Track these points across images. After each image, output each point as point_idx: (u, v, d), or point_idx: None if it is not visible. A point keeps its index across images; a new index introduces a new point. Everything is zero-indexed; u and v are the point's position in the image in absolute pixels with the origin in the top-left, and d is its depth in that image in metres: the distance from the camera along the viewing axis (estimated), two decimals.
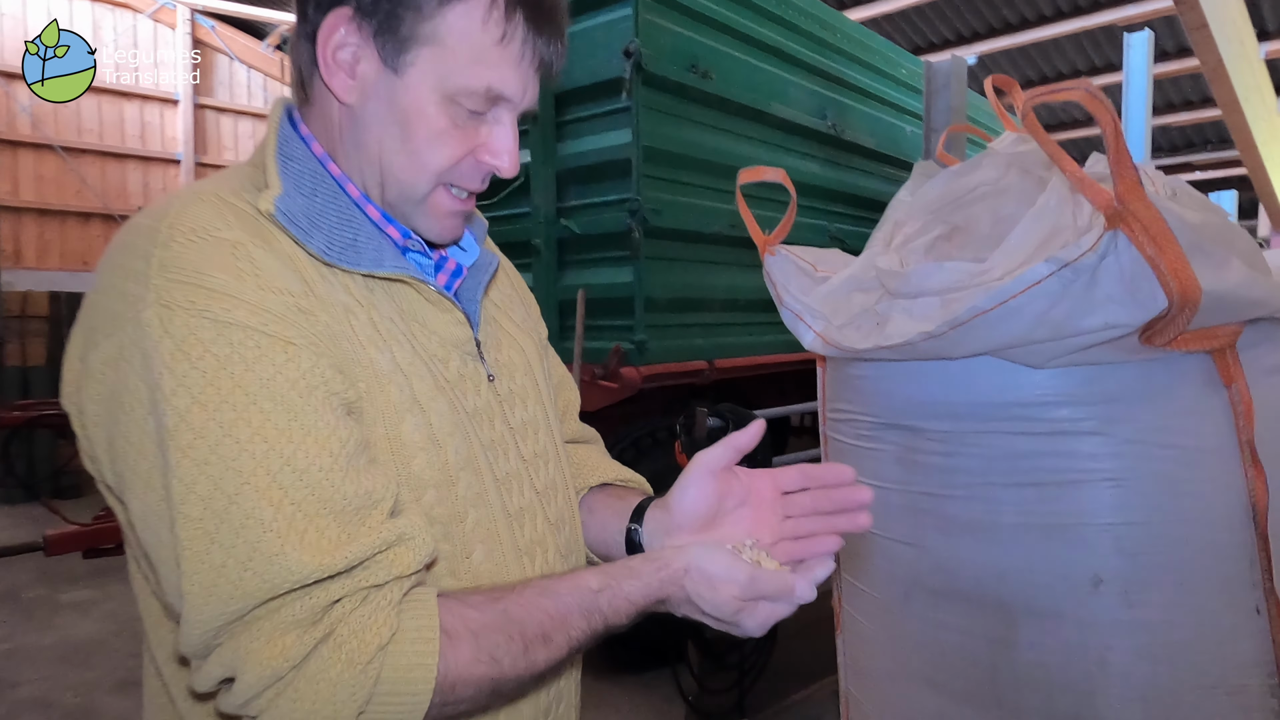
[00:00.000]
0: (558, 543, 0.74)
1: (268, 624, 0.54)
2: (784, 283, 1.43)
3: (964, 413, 1.26)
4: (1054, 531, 1.21)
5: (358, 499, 0.58)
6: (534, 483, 0.73)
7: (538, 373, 0.79)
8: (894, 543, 1.41)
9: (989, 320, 1.08)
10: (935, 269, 1.19)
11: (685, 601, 0.64)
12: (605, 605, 0.63)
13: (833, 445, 1.59)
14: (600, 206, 2.82)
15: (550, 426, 0.78)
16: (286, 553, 0.54)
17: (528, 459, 0.73)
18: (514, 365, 0.76)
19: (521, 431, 0.74)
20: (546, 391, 0.80)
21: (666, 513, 0.75)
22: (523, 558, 0.70)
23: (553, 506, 0.75)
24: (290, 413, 0.57)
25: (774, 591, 0.62)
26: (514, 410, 0.74)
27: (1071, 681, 1.21)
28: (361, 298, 0.65)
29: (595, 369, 2.68)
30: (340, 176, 0.68)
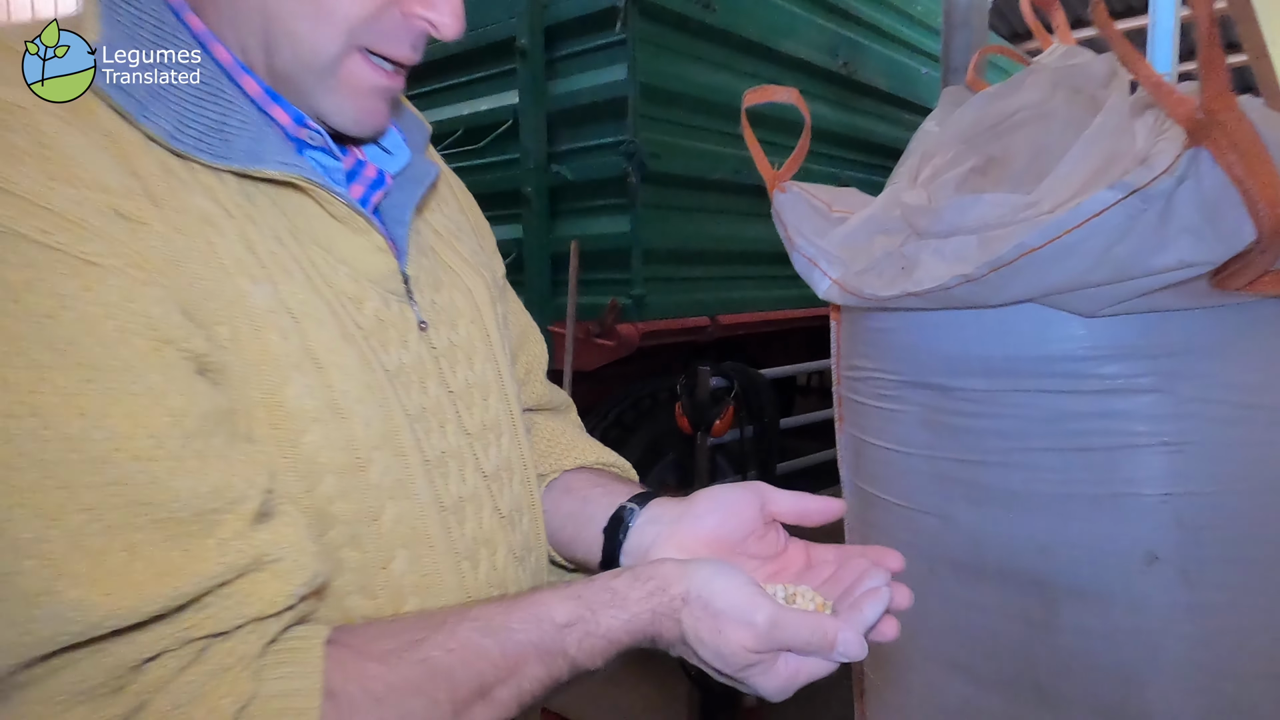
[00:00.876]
0: (511, 540, 0.59)
1: (38, 691, 0.37)
2: (795, 224, 1.29)
3: (1001, 368, 1.14)
4: (1103, 502, 1.10)
5: (199, 500, 0.40)
6: (480, 464, 0.58)
7: (489, 322, 0.63)
8: (918, 513, 1.30)
9: (1038, 260, 0.94)
10: (972, 202, 1.05)
11: (680, 643, 0.49)
12: (574, 646, 0.48)
13: (849, 406, 1.46)
14: (594, 150, 2.67)
15: (505, 391, 0.62)
16: (62, 590, 0.36)
17: (473, 433, 0.57)
18: (457, 310, 0.60)
19: (465, 397, 0.58)
20: (501, 345, 0.64)
21: (678, 514, 0.60)
22: (462, 563, 0.54)
23: (506, 494, 0.60)
24: (85, 369, 0.38)
25: (805, 641, 0.46)
26: (455, 369, 0.58)
27: (1119, 669, 1.11)
28: (233, 205, 0.47)
29: (590, 326, 2.56)
30: (204, 33, 0.50)
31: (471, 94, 2.95)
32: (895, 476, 1.33)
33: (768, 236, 1.46)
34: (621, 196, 2.59)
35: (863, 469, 1.42)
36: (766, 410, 2.38)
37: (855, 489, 1.46)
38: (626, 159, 2.51)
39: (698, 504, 0.59)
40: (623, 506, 0.62)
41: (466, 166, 2.99)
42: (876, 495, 1.38)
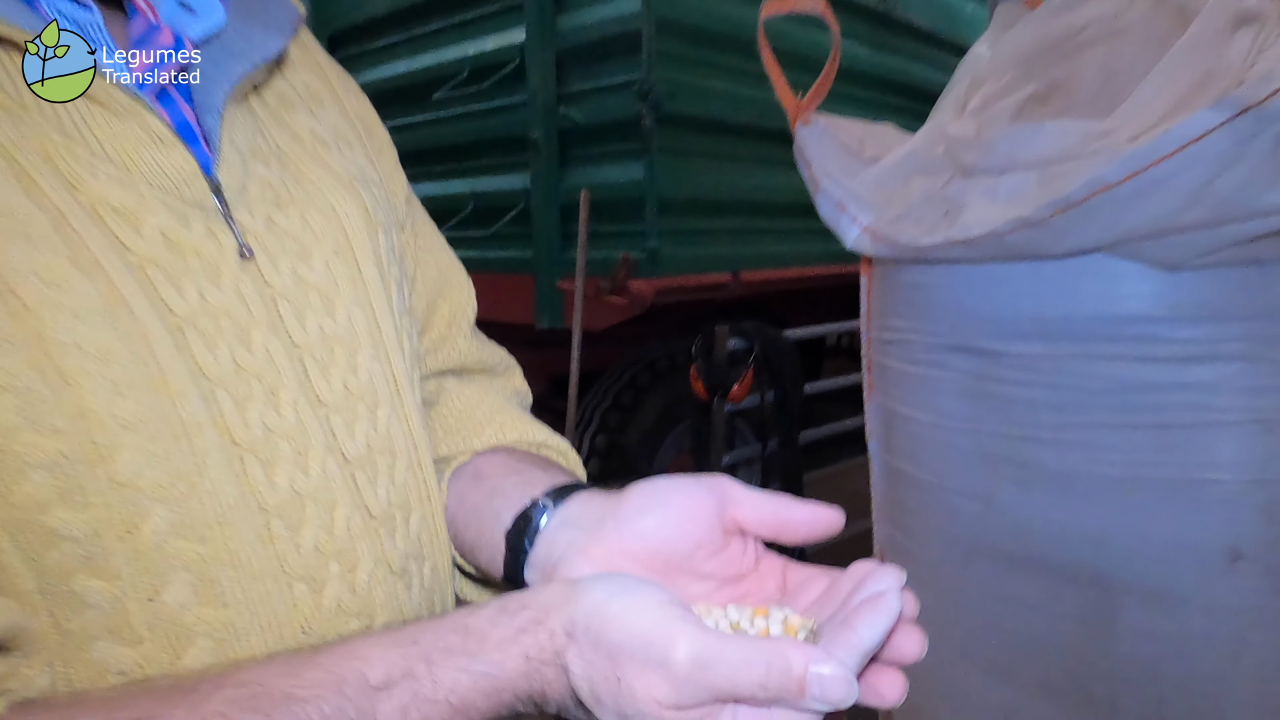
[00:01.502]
0: (385, 550, 0.44)
1: None
2: (821, 162, 1.14)
3: (1060, 331, 1.00)
4: (1178, 489, 0.97)
5: None
6: (339, 445, 0.43)
7: (364, 254, 0.47)
8: (955, 495, 1.18)
9: (1114, 199, 0.79)
10: (1033, 132, 0.89)
11: (573, 702, 0.35)
12: (395, 717, 0.34)
13: (880, 372, 1.32)
14: (606, 91, 2.54)
15: (386, 347, 0.47)
16: None
17: (329, 403, 0.43)
18: (312, 237, 0.45)
19: (319, 354, 0.43)
20: (384, 287, 0.48)
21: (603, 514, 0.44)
22: (295, 585, 0.39)
23: (380, 486, 0.45)
24: None
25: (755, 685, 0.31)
26: (305, 316, 0.43)
27: (1190, 680, 0.98)
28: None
29: (600, 282, 2.45)
30: None
31: (475, 33, 2.81)
32: (931, 453, 1.20)
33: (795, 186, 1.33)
34: (635, 141, 2.47)
35: (894, 443, 1.29)
36: (789, 374, 2.25)
37: (885, 465, 1.33)
38: (641, 100, 2.39)
39: (630, 501, 0.43)
40: (533, 503, 0.47)
41: (470, 112, 2.85)
42: (909, 473, 1.25)
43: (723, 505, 0.43)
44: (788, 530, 0.42)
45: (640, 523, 0.42)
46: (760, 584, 0.44)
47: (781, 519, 0.42)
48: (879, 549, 1.43)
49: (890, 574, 0.36)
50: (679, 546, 0.42)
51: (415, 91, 3.00)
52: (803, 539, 0.42)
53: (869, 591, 0.35)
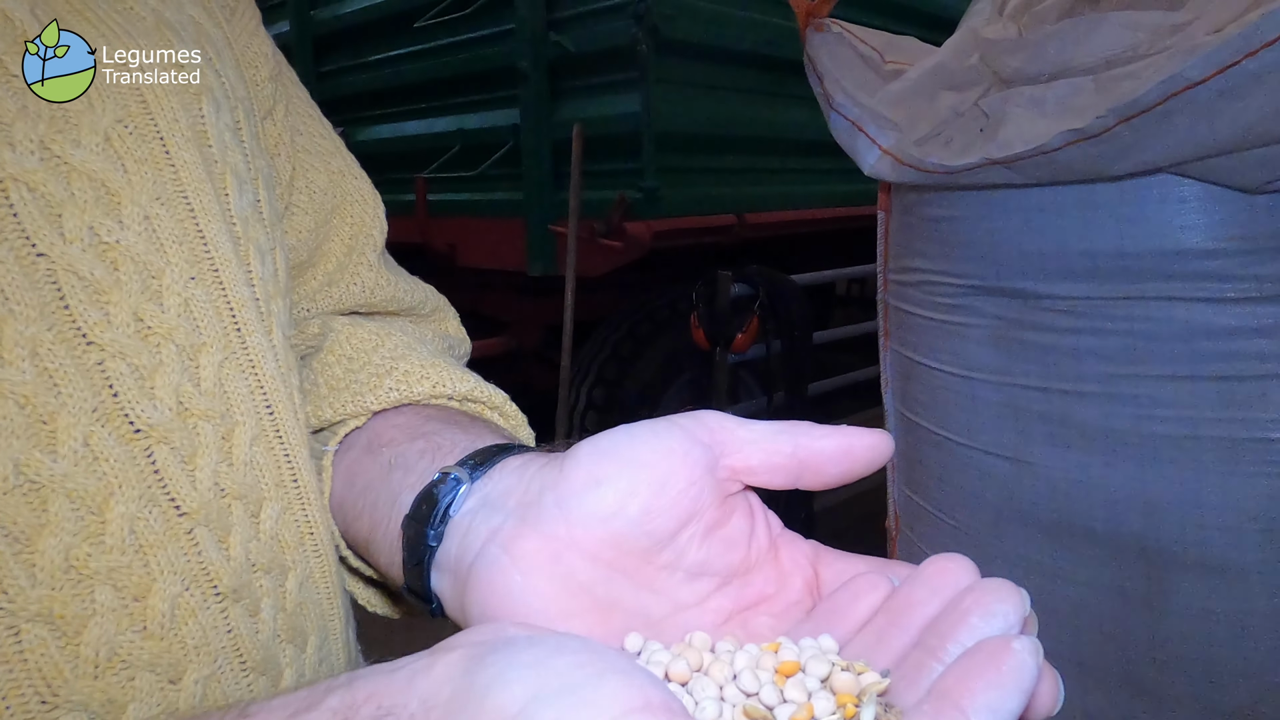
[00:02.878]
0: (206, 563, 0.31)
1: None
2: (835, 75, 1.01)
3: (1111, 268, 0.89)
4: (1243, 450, 0.88)
5: None
6: (125, 408, 0.29)
7: (169, 125, 0.33)
8: (983, 454, 1.09)
9: (1195, 102, 0.67)
10: (1090, 26, 0.77)
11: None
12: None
13: (896, 318, 1.22)
14: (600, 15, 2.43)
15: (208, 263, 0.33)
16: None
17: (102, 344, 0.29)
18: (83, 98, 0.31)
19: (82, 272, 0.29)
20: (204, 176, 0.34)
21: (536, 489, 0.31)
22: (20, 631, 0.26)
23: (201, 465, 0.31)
24: None
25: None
26: (63, 215, 0.29)
27: (1249, 665, 0.91)
28: None
29: (595, 225, 2.35)
30: None
31: None
32: (955, 407, 1.11)
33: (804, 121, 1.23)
34: (631, 70, 2.37)
35: (912, 396, 1.20)
36: (797, 322, 2.15)
37: (902, 420, 1.24)
38: (636, 23, 2.27)
39: (580, 466, 0.30)
40: (442, 475, 0.34)
41: (454, 42, 2.74)
42: (930, 430, 1.15)
43: (714, 454, 0.30)
44: (812, 469, 0.29)
45: (595, 497, 0.29)
46: (782, 583, 0.31)
47: (801, 456, 0.29)
48: (893, 514, 1.34)
49: (1007, 600, 0.23)
50: (654, 528, 0.29)
51: (395, 22, 2.88)
52: (837, 478, 0.30)
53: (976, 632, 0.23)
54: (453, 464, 0.34)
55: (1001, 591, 0.23)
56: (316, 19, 3.18)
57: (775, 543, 0.31)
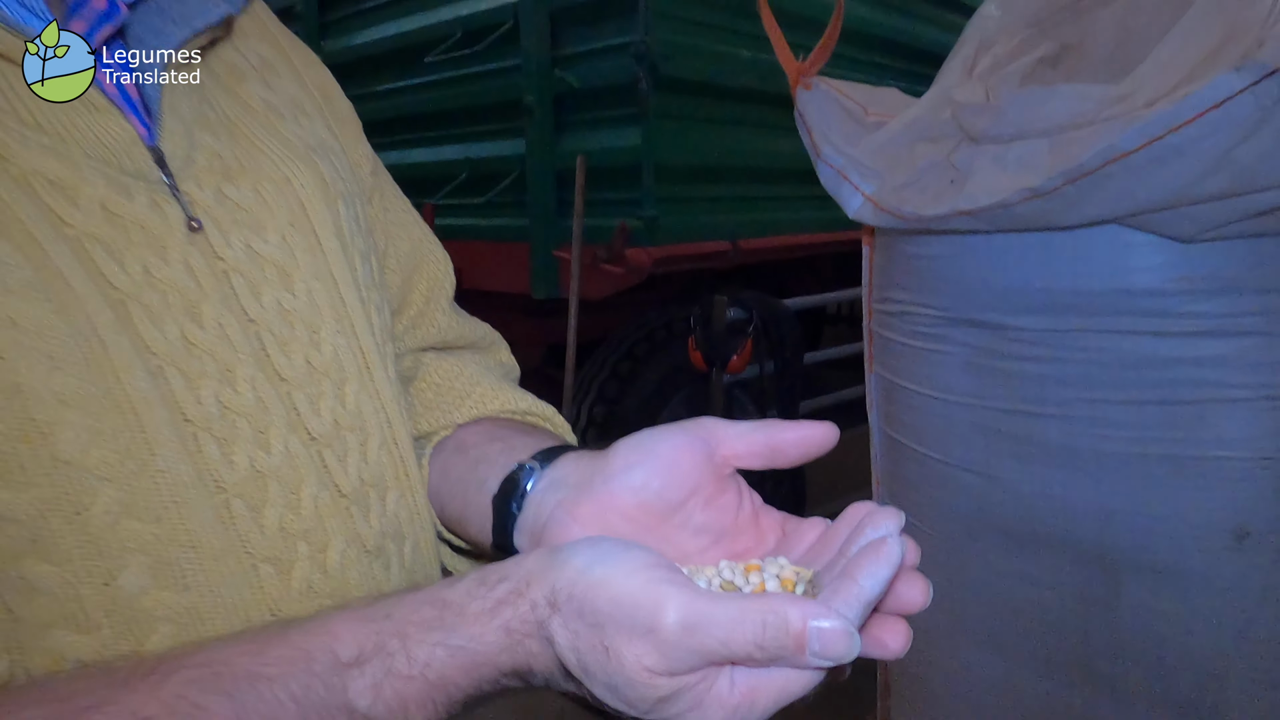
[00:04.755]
0: (358, 529, 0.43)
1: None
2: (822, 128, 1.10)
3: (1068, 304, 0.98)
4: (1186, 466, 0.96)
5: None
6: (303, 422, 0.41)
7: (322, 225, 0.45)
8: (958, 470, 1.16)
9: (1130, 168, 0.76)
10: (1044, 97, 0.86)
11: (561, 675, 0.33)
12: (366, 697, 0.32)
13: (880, 345, 1.30)
14: (602, 53, 2.48)
15: (351, 320, 0.45)
16: None
17: (290, 379, 0.41)
18: (266, 210, 0.43)
19: (277, 329, 0.41)
20: (345, 259, 0.46)
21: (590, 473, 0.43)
22: (259, 568, 0.38)
23: (351, 464, 0.43)
24: None
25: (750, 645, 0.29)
26: (261, 290, 0.41)
27: (1194, 658, 0.98)
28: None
29: (597, 251, 2.40)
30: None
31: None
32: (933, 427, 1.19)
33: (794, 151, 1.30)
34: (632, 106, 2.42)
35: (895, 416, 1.27)
36: (789, 344, 2.22)
37: (886, 438, 1.32)
38: (637, 62, 2.33)
39: (617, 456, 0.42)
40: (520, 466, 0.46)
41: (462, 75, 2.79)
42: (910, 447, 1.23)
43: (711, 447, 0.41)
44: (780, 453, 0.40)
45: (629, 477, 0.41)
46: (760, 538, 0.42)
47: (773, 444, 0.40)
48: None
49: (890, 517, 0.34)
50: (670, 497, 0.40)
51: (406, 55, 2.93)
52: (797, 459, 0.40)
53: (868, 538, 0.33)
54: (526, 458, 0.46)
55: (885, 512, 0.34)
56: (328, 49, 3.26)
57: (756, 512, 0.43)
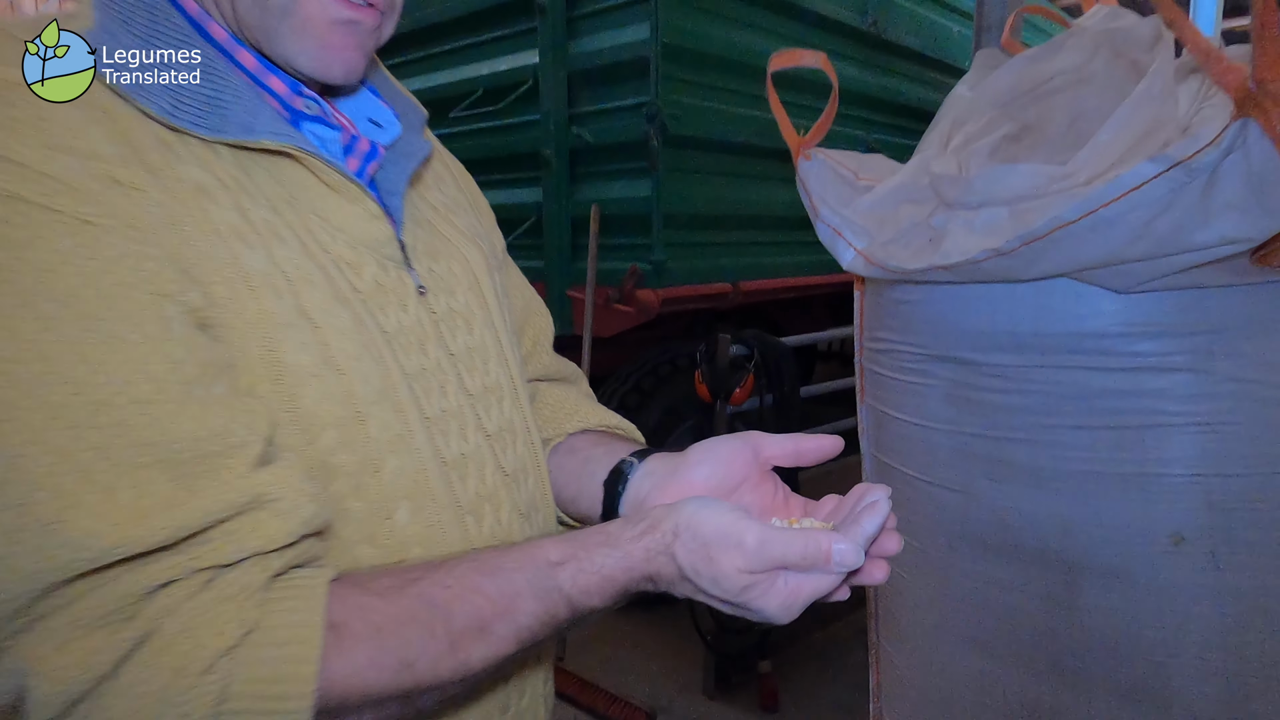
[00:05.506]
0: (515, 498, 0.60)
1: (61, 620, 0.40)
2: (820, 192, 1.25)
3: (1030, 344, 1.11)
4: (1130, 482, 1.07)
5: (199, 441, 0.42)
6: (482, 423, 0.58)
7: (488, 291, 0.64)
8: (939, 488, 1.29)
9: (1073, 234, 0.91)
10: (1005, 172, 1.02)
11: (679, 579, 0.50)
12: (569, 583, 0.49)
13: (871, 379, 1.44)
14: (616, 112, 2.64)
15: (505, 356, 0.63)
16: (74, 520, 0.39)
17: (473, 394, 0.58)
18: (455, 279, 0.61)
19: (465, 360, 0.58)
20: (500, 314, 0.65)
21: (673, 466, 0.61)
22: (465, 517, 0.55)
23: (509, 453, 0.60)
24: (85, 319, 0.41)
25: (799, 555, 0.47)
26: (455, 334, 0.58)
27: (1142, 649, 1.09)
28: (228, 177, 0.49)
29: (610, 291, 2.55)
30: (198, 14, 0.52)
31: (490, 53, 2.91)
32: (917, 451, 1.31)
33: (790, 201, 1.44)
34: (642, 160, 2.56)
35: (884, 442, 1.40)
36: (786, 379, 2.36)
37: (876, 462, 1.45)
38: (648, 121, 2.47)
39: (691, 455, 0.60)
40: (622, 460, 0.64)
41: (485, 128, 2.96)
42: (898, 469, 1.36)
43: (756, 450, 0.59)
44: (803, 456, 0.59)
45: (699, 470, 0.59)
46: (789, 512, 0.59)
47: (798, 449, 0.59)
48: None
49: (881, 489, 0.51)
50: (727, 483, 0.58)
51: (433, 108, 3.03)
52: (814, 461, 0.58)
53: (867, 501, 0.51)
54: (625, 456, 0.63)
55: (878, 487, 0.51)
56: None
57: (786, 496, 0.60)
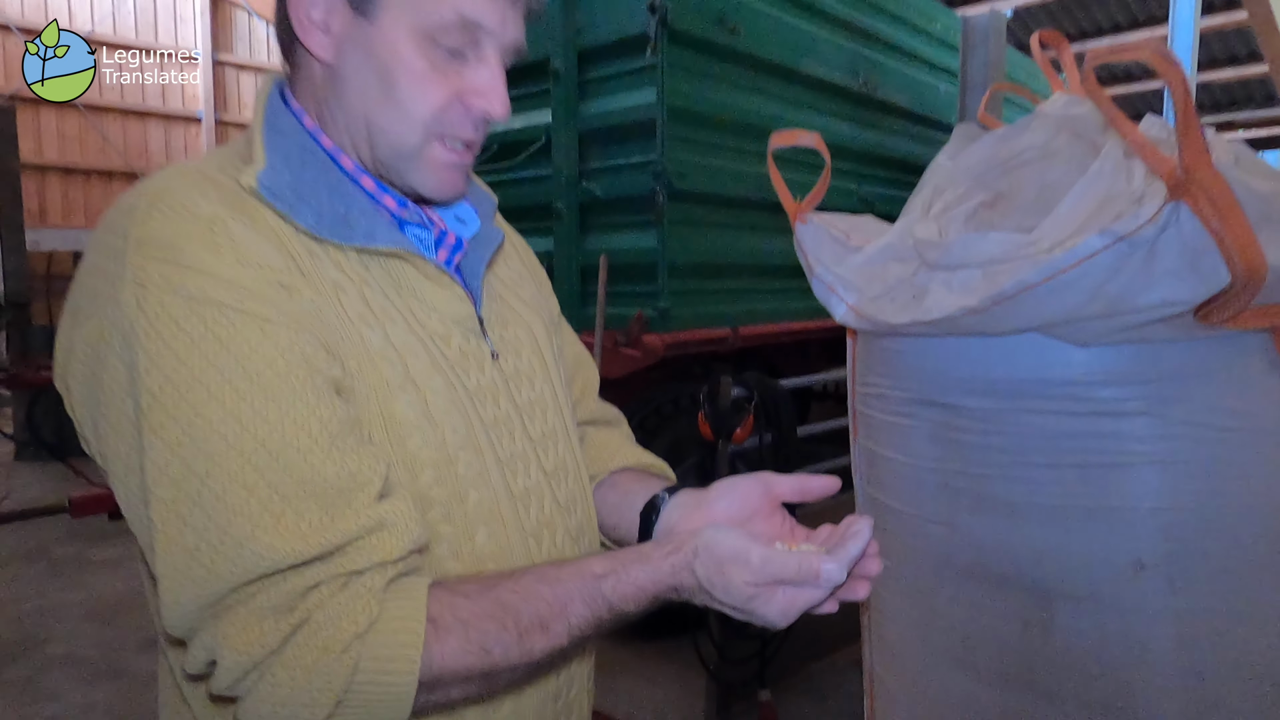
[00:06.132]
0: (568, 525, 0.72)
1: (243, 610, 0.54)
2: (815, 252, 1.37)
3: (1003, 390, 1.21)
4: (1095, 514, 1.17)
5: (340, 480, 0.56)
6: (541, 463, 0.71)
7: (546, 351, 0.77)
8: (926, 521, 1.38)
9: (1036, 295, 1.02)
10: (978, 239, 1.14)
11: (698, 590, 0.60)
12: (610, 591, 0.60)
13: (863, 420, 1.54)
14: (624, 169, 2.78)
15: (560, 406, 0.76)
16: (258, 537, 0.53)
17: (535, 439, 0.71)
18: (520, 343, 0.74)
19: (528, 411, 0.71)
20: (556, 370, 0.78)
21: (698, 500, 0.73)
22: (529, 540, 0.68)
23: (562, 488, 0.73)
24: (266, 392, 0.55)
25: (793, 575, 0.57)
26: (520, 389, 0.71)
27: (1109, 668, 1.18)
28: (354, 274, 0.64)
29: (617, 336, 2.66)
30: (333, 149, 0.66)
31: None
32: (905, 486, 1.40)
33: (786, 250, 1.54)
34: (648, 213, 2.69)
35: (875, 478, 1.49)
36: (784, 419, 2.47)
37: (868, 497, 1.54)
38: (654, 178, 2.61)
39: (713, 491, 0.73)
40: (656, 495, 0.77)
41: (502, 180, 3.10)
42: (888, 504, 1.45)
43: (768, 487, 0.70)
44: (809, 493, 0.70)
45: (719, 504, 0.71)
46: (792, 539, 0.70)
47: (805, 487, 0.70)
48: None
49: (865, 521, 0.62)
50: (742, 514, 0.70)
51: None
52: (818, 496, 0.70)
53: (853, 530, 0.61)
54: (659, 491, 0.74)
55: (863, 518, 0.61)
56: None
57: (793, 526, 0.71)
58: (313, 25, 0.63)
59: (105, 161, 9.64)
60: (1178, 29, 3.57)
